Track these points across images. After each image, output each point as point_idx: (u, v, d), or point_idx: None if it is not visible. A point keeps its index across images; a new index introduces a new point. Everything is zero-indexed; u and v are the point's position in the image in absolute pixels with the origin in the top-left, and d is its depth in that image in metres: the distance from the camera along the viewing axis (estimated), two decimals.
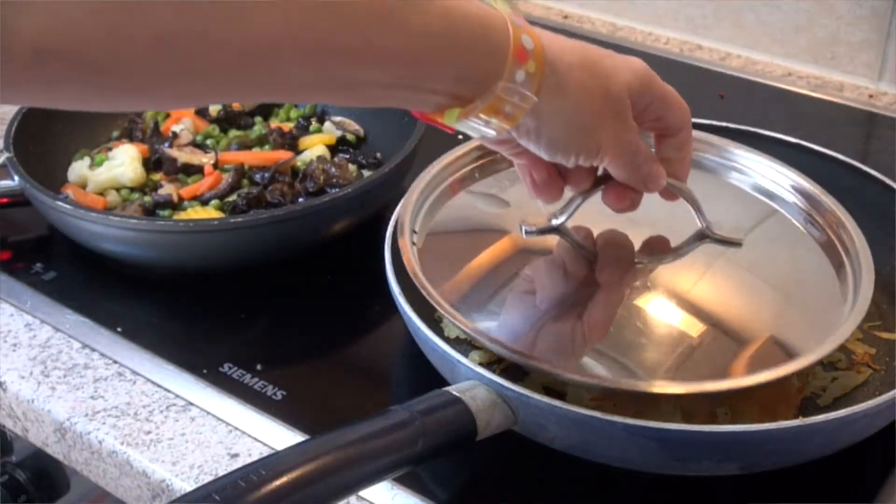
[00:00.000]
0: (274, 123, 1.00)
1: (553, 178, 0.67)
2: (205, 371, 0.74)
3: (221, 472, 0.66)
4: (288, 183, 0.90)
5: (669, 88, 0.65)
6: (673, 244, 0.74)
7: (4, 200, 0.87)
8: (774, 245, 0.76)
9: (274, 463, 0.53)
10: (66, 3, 0.43)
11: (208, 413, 0.71)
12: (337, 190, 0.85)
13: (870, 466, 0.67)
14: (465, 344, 0.72)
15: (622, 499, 0.66)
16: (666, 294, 0.71)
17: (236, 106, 1.02)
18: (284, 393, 0.72)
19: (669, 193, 0.70)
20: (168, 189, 0.90)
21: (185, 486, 0.66)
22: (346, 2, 0.50)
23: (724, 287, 0.72)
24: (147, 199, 0.89)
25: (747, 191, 0.81)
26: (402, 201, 0.76)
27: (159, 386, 0.74)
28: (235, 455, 0.68)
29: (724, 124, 0.88)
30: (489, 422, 0.61)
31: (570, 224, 0.72)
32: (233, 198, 0.89)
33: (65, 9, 0.43)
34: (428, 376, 0.68)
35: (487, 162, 0.82)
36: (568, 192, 0.69)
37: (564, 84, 0.59)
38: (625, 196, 0.68)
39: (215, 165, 0.93)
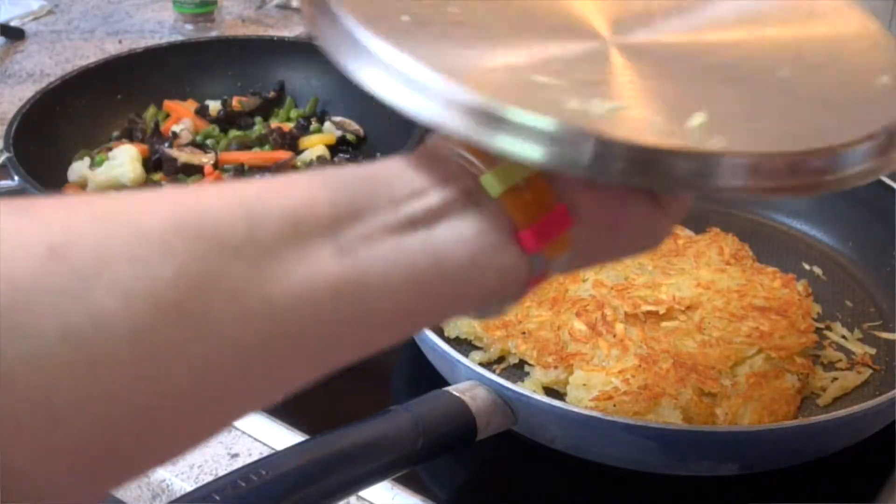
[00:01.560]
0: (274, 123, 1.00)
1: None
2: None
3: (221, 472, 0.66)
4: None
5: None
6: None
7: None
8: None
9: (274, 463, 0.53)
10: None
11: None
12: None
13: (870, 466, 0.67)
14: (465, 344, 0.72)
15: (622, 499, 0.66)
16: None
17: (236, 105, 1.01)
18: None
19: None
20: None
21: (185, 486, 0.66)
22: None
23: None
24: None
25: None
26: None
27: None
28: (235, 455, 0.68)
29: None
30: (489, 422, 0.61)
31: None
32: None
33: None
34: (428, 376, 0.68)
35: None
36: None
37: None
38: None
39: (215, 165, 0.93)
